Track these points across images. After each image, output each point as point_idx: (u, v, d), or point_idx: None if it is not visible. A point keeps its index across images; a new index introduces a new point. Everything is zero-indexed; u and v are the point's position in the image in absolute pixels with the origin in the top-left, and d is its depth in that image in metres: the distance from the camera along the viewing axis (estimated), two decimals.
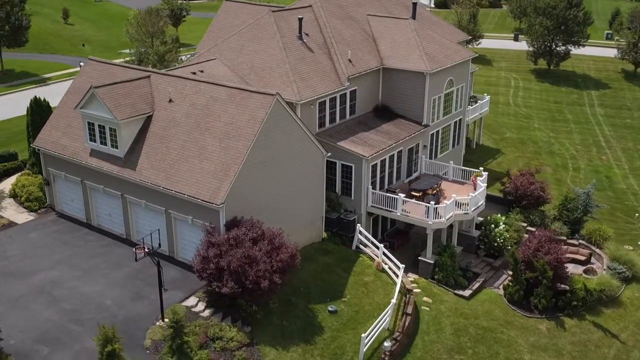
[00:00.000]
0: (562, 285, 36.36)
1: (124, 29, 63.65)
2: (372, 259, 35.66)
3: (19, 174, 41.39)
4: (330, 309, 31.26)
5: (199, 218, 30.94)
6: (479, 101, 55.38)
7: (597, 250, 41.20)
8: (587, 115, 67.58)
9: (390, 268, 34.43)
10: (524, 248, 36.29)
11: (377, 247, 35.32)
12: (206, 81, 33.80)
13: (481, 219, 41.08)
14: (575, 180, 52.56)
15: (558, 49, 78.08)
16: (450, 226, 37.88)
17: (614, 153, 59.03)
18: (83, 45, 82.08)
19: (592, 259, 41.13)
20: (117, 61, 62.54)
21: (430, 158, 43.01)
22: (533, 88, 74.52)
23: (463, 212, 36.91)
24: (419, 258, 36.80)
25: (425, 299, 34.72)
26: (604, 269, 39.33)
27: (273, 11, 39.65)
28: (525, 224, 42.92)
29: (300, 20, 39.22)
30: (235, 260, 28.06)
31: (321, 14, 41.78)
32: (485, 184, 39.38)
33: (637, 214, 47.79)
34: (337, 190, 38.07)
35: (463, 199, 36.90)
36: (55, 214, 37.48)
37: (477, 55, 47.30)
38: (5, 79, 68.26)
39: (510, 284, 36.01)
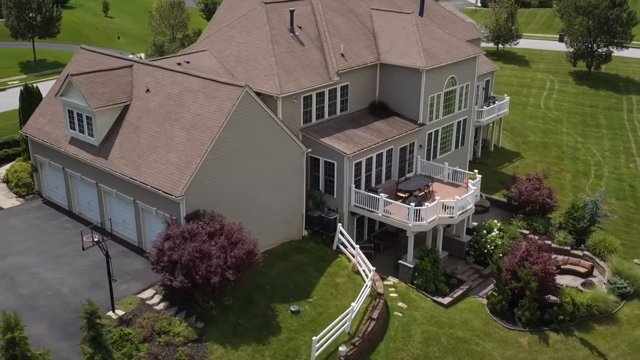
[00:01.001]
0: (552, 298, 34.32)
1: (146, 21, 64.08)
2: (350, 260, 34.41)
3: (16, 160, 42.04)
4: (292, 309, 30.24)
5: (162, 210, 30.47)
6: (496, 102, 53.20)
7: (601, 263, 38.73)
8: (622, 121, 64.05)
9: (364, 270, 33.11)
10: (511, 256, 34.35)
11: (354, 248, 34.05)
12: (182, 71, 33.32)
13: (475, 223, 39.28)
14: (594, 188, 49.68)
15: (600, 50, 74.38)
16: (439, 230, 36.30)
17: None
18: (118, 37, 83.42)
19: (595, 272, 38.71)
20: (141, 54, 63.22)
21: (428, 159, 41.33)
22: (569, 91, 71.21)
23: (448, 215, 35.19)
24: (399, 261, 35.33)
25: (399, 304, 33.26)
26: (604, 283, 36.93)
27: (265, 2, 38.82)
28: (527, 231, 40.78)
29: (292, 12, 38.28)
30: (186, 254, 27.44)
31: (319, 6, 40.74)
32: (477, 187, 37.50)
33: None
34: (320, 188, 36.98)
35: (448, 201, 35.19)
36: (42, 201, 37.82)
37: (484, 52, 45.15)
38: (37, 68, 69.98)
39: (494, 293, 34.14)
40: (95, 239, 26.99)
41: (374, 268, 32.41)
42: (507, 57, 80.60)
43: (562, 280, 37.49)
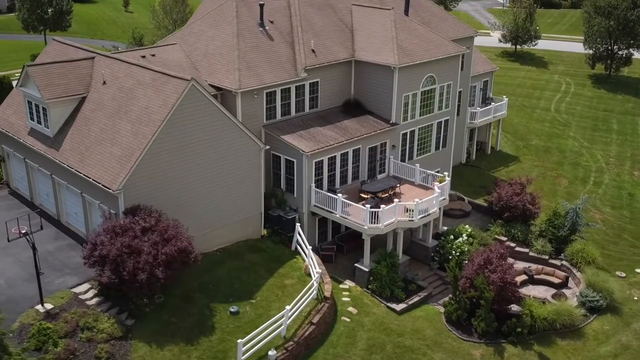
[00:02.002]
0: (515, 308, 32.71)
1: (149, 16, 64.17)
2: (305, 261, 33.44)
3: None
4: (231, 309, 29.43)
5: (105, 203, 30.05)
6: (492, 103, 51.37)
7: (577, 274, 36.82)
8: (636, 126, 61.08)
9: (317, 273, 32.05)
10: (470, 263, 32.87)
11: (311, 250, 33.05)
12: (136, 64, 32.85)
13: (445, 228, 37.79)
14: (589, 196, 47.38)
15: (620, 52, 71.26)
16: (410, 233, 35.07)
17: None
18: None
19: (571, 283, 36.82)
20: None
21: (404, 160, 39.92)
22: (585, 94, 68.33)
23: (408, 218, 33.84)
24: (356, 265, 34.16)
25: (350, 309, 32.11)
26: (576, 295, 35.07)
27: None
28: (505, 238, 39.14)
29: (261, 6, 37.45)
30: (114, 249, 26.94)
31: (294, 1, 39.76)
32: (442, 190, 35.92)
33: None
34: (282, 186, 36.08)
35: (408, 204, 33.86)
36: (8, 191, 37.91)
37: (468, 50, 43.29)
38: None
39: (452, 301, 32.68)
40: (23, 231, 26.71)
41: (320, 270, 31.39)
42: (525, 58, 77.96)
43: (534, 290, 35.97)
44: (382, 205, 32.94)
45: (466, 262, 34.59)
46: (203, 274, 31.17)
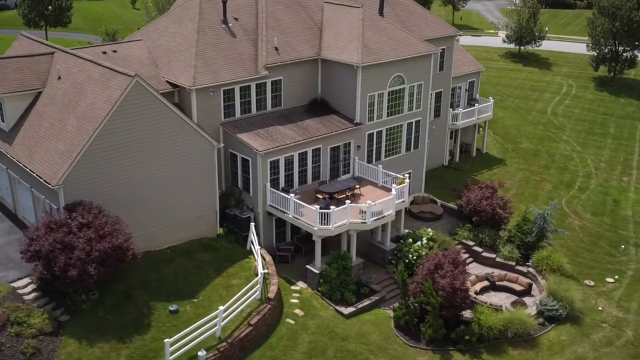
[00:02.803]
0: (469, 314, 31.89)
1: (143, 13, 64.29)
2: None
3: None
4: (170, 308, 29.16)
5: (48, 198, 30.05)
6: (476, 105, 50.31)
7: (542, 282, 35.78)
8: (634, 131, 59.28)
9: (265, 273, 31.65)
10: (421, 268, 32.13)
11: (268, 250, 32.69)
12: (90, 59, 32.76)
13: (407, 230, 37.04)
14: (571, 202, 46.17)
15: (625, 54, 69.35)
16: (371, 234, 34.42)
17: None
18: (138, 29, 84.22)
19: (536, 291, 35.77)
20: None
21: (371, 161, 39.21)
22: (586, 97, 66.61)
23: (360, 220, 33.19)
24: (307, 266, 33.64)
25: (296, 311, 31.61)
26: (536, 303, 34.07)
27: None
28: (472, 243, 38.26)
29: (224, 3, 37.13)
30: (46, 245, 26.88)
31: None
32: (400, 192, 35.16)
33: (622, 246, 40.97)
34: (239, 185, 35.72)
35: (361, 206, 33.21)
36: None
37: (439, 50, 42.38)
38: None
39: (401, 306, 31.96)
40: None
41: (266, 271, 30.97)
42: (529, 60, 76.40)
43: (495, 297, 35.05)
44: (332, 207, 32.33)
45: (420, 265, 33.83)
46: (148, 271, 30.96)
